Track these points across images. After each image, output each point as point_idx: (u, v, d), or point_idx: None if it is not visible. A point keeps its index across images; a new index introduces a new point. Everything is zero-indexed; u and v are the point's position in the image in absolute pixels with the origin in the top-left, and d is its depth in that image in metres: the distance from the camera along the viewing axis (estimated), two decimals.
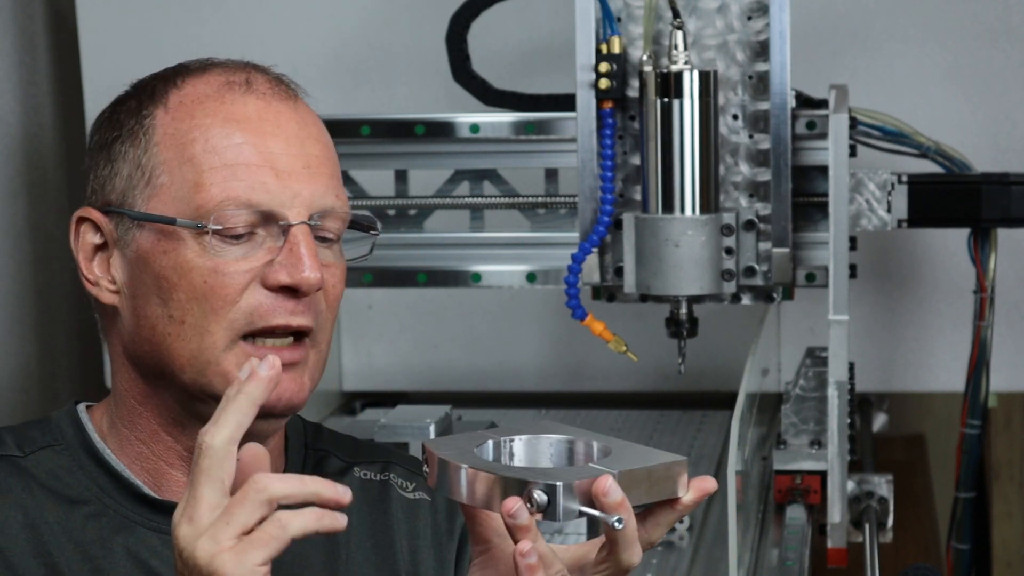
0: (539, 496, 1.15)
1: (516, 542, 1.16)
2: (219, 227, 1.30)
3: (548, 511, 1.16)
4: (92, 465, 1.37)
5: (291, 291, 1.31)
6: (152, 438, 1.37)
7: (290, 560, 1.37)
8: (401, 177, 2.42)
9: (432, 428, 2.18)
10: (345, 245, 1.41)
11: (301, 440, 1.46)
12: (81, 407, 1.42)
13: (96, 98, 2.80)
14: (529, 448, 1.27)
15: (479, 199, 2.39)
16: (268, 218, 1.32)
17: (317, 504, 1.15)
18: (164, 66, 1.43)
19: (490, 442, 1.25)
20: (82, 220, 1.38)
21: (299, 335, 1.34)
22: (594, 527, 1.18)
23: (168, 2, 2.83)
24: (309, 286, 1.31)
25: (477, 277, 2.38)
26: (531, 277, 2.36)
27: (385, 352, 2.91)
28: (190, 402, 1.34)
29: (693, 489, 1.20)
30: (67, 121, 2.94)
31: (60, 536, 1.33)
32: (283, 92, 1.38)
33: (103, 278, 1.37)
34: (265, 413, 1.29)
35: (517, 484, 1.17)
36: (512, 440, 1.27)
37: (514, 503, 1.15)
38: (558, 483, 1.15)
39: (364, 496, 1.45)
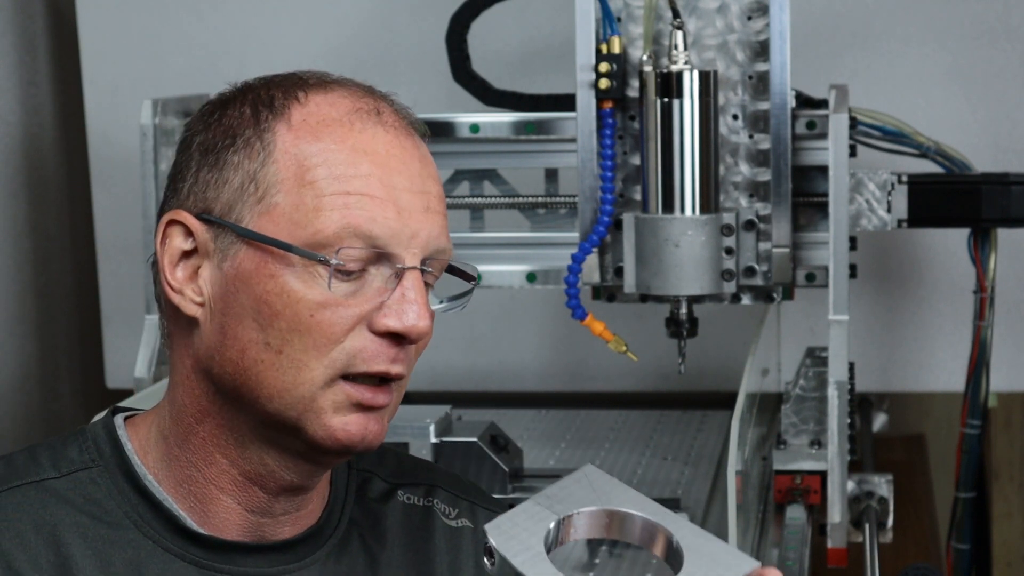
0: None
1: None
2: (340, 263, 1.24)
3: None
4: (131, 491, 1.31)
5: (396, 337, 1.27)
6: (205, 460, 1.30)
7: None
8: None
9: (432, 428, 2.17)
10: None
11: (344, 461, 1.41)
12: (119, 419, 1.35)
13: (96, 98, 2.80)
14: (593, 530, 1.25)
15: (479, 199, 2.39)
16: (381, 257, 1.26)
17: None
18: (164, 66, 1.43)
19: (552, 526, 1.22)
20: (172, 223, 1.30)
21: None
22: None
23: (168, 2, 2.83)
24: (419, 334, 1.27)
25: (477, 277, 2.37)
26: (531, 277, 2.36)
27: None
28: (262, 428, 1.28)
29: None
30: (67, 121, 2.94)
31: (96, 568, 1.28)
32: (409, 127, 1.32)
33: (188, 287, 1.29)
34: (348, 448, 1.27)
35: None
36: (577, 519, 1.24)
37: None
38: None
39: (407, 523, 1.41)
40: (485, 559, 1.20)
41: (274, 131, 1.28)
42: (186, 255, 1.29)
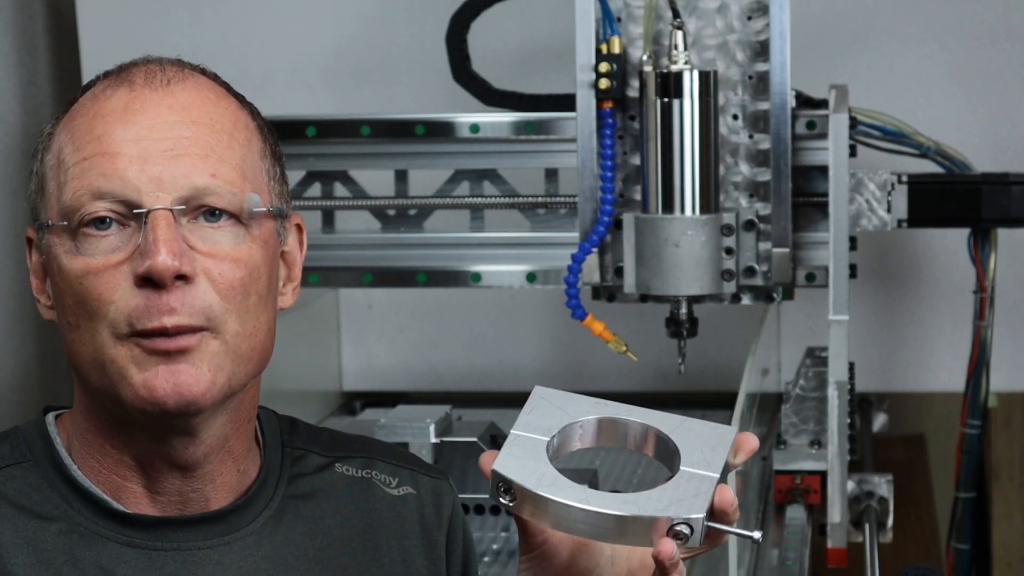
0: (683, 530, 1.21)
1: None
2: (64, 222, 1.28)
3: (688, 541, 1.21)
4: (60, 482, 1.34)
5: (154, 283, 1.25)
6: (100, 451, 1.34)
7: (269, 566, 1.35)
8: (401, 177, 2.42)
9: (432, 428, 2.17)
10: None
11: (277, 438, 1.43)
12: (50, 417, 1.39)
13: None
14: (577, 432, 1.32)
15: (479, 199, 2.39)
16: (126, 208, 1.27)
17: None
18: None
19: (551, 450, 1.28)
20: (29, 240, 1.37)
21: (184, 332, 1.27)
22: None
23: (168, 2, 2.83)
24: (159, 274, 1.24)
25: (477, 277, 2.38)
26: (531, 277, 2.36)
27: (385, 352, 2.91)
28: (114, 409, 1.31)
29: (741, 453, 1.30)
30: None
31: (29, 557, 1.30)
32: (159, 80, 1.33)
33: (42, 295, 1.36)
34: (157, 404, 1.26)
35: (655, 522, 1.21)
36: (567, 437, 1.30)
37: (671, 547, 1.19)
38: (700, 516, 1.21)
39: (347, 494, 1.42)
40: (501, 499, 1.25)
41: (53, 128, 1.35)
42: (45, 266, 1.35)
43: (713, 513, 1.23)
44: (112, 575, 1.31)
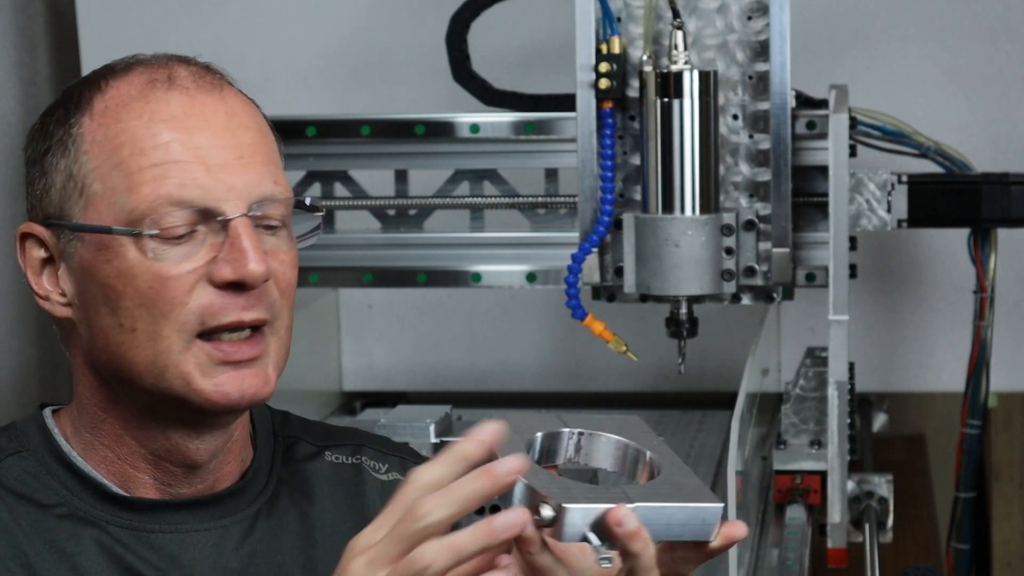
0: (545, 512, 1.13)
1: (520, 550, 1.15)
2: (154, 231, 1.29)
3: (554, 529, 1.14)
4: (60, 469, 1.36)
5: (238, 286, 1.30)
6: (116, 442, 1.36)
7: (264, 548, 1.38)
8: (401, 177, 2.42)
9: (432, 428, 2.18)
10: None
11: (269, 428, 1.46)
12: (47, 412, 1.42)
13: None
14: (594, 445, 1.28)
15: (479, 199, 2.39)
16: (206, 215, 1.30)
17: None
18: None
19: (539, 435, 1.25)
20: (26, 235, 1.38)
21: (256, 327, 1.33)
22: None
23: (168, 2, 2.83)
24: (255, 279, 1.30)
25: (477, 277, 2.38)
26: (531, 277, 2.36)
27: (385, 352, 2.91)
28: (153, 405, 1.34)
29: (722, 536, 1.17)
30: None
31: (33, 537, 1.33)
32: (208, 84, 1.35)
33: (53, 292, 1.37)
34: (230, 408, 1.32)
35: (530, 494, 1.15)
36: (581, 434, 1.27)
37: (518, 514, 1.13)
38: (568, 505, 1.14)
39: (337, 480, 1.45)
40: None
41: (80, 125, 1.35)
42: (47, 262, 1.37)
43: (600, 529, 1.14)
44: (112, 552, 1.34)
